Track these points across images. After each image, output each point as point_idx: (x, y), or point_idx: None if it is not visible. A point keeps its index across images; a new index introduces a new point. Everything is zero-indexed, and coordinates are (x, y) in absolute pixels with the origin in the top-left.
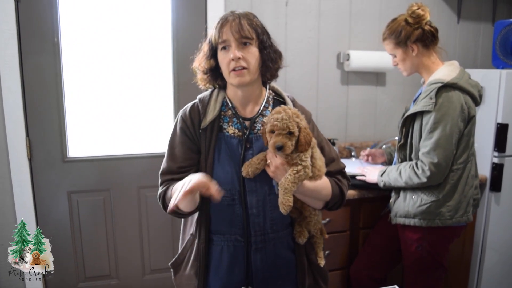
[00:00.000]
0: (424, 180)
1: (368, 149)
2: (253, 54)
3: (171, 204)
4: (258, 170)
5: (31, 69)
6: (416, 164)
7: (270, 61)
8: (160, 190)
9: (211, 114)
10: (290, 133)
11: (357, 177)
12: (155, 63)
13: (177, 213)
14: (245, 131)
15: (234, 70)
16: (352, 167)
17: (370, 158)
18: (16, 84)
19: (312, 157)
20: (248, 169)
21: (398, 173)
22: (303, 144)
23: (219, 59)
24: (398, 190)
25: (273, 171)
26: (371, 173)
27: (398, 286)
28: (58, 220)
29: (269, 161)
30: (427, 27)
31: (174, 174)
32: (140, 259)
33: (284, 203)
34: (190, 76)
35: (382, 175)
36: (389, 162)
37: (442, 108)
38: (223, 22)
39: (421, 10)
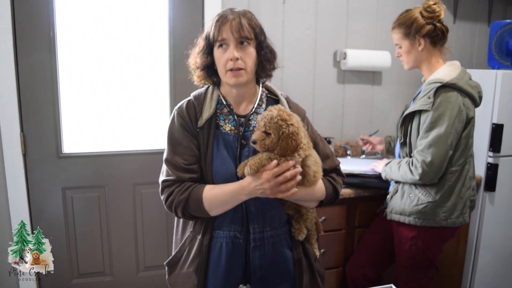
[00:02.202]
0: (416, 177)
1: (367, 136)
2: (250, 54)
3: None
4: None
5: (26, 64)
6: (412, 161)
7: (266, 62)
8: (182, 196)
9: (207, 112)
10: (267, 133)
11: (369, 167)
12: (151, 60)
13: (197, 217)
14: (241, 128)
15: (231, 70)
16: (348, 165)
17: (369, 146)
18: (11, 79)
19: (305, 165)
20: (245, 168)
21: (398, 167)
22: (283, 149)
23: (216, 57)
24: (397, 186)
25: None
26: (381, 163)
27: (394, 285)
28: (52, 216)
29: None
30: (439, 25)
31: (181, 172)
32: (135, 256)
33: (251, 165)
34: (186, 73)
35: (386, 165)
36: (387, 151)
37: (439, 108)
38: (223, 20)
39: (437, 6)
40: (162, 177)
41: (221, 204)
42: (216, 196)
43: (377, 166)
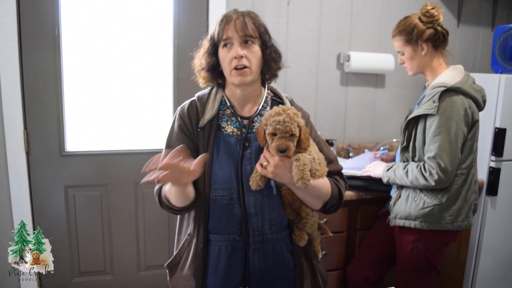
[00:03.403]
0: (432, 184)
1: (380, 153)
2: (255, 53)
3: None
4: (265, 179)
5: (30, 62)
6: (424, 166)
7: (272, 61)
8: (157, 186)
9: (209, 113)
10: (292, 135)
11: (362, 171)
12: (155, 59)
13: (171, 208)
14: (244, 130)
15: (235, 69)
16: (349, 168)
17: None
18: (15, 77)
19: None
20: (257, 182)
21: (405, 172)
22: (305, 141)
23: (221, 57)
24: (399, 191)
25: (272, 171)
26: (376, 167)
27: (394, 287)
28: (54, 214)
29: (265, 163)
30: (439, 28)
31: None
32: (136, 255)
33: (305, 178)
34: (190, 72)
35: (388, 170)
36: None
37: (446, 112)
38: (227, 20)
39: (436, 10)
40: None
41: (177, 196)
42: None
43: (373, 169)
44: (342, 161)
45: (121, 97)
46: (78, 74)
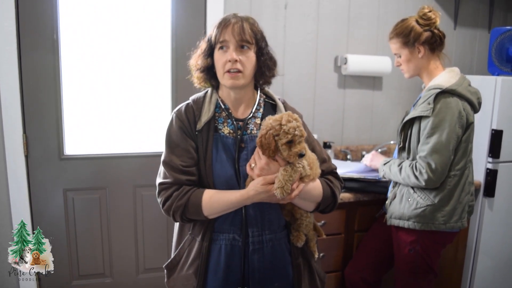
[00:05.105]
0: (422, 183)
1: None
2: (250, 58)
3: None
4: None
5: (29, 65)
6: (416, 165)
7: (266, 68)
8: (178, 202)
9: (205, 116)
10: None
11: (362, 161)
12: (154, 62)
13: (191, 219)
14: (239, 132)
15: (229, 71)
16: (347, 168)
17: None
18: (14, 80)
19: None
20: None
21: (399, 169)
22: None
23: (216, 59)
24: (395, 191)
25: (258, 174)
26: (375, 158)
27: None
28: (53, 217)
29: (253, 165)
30: (436, 31)
31: (178, 173)
32: (135, 258)
33: (285, 189)
34: (188, 75)
35: (385, 164)
36: None
37: (440, 113)
38: (225, 23)
39: (433, 13)
40: (159, 179)
41: (222, 211)
42: (218, 203)
43: (372, 160)
44: (339, 164)
45: (120, 100)
46: (77, 77)
